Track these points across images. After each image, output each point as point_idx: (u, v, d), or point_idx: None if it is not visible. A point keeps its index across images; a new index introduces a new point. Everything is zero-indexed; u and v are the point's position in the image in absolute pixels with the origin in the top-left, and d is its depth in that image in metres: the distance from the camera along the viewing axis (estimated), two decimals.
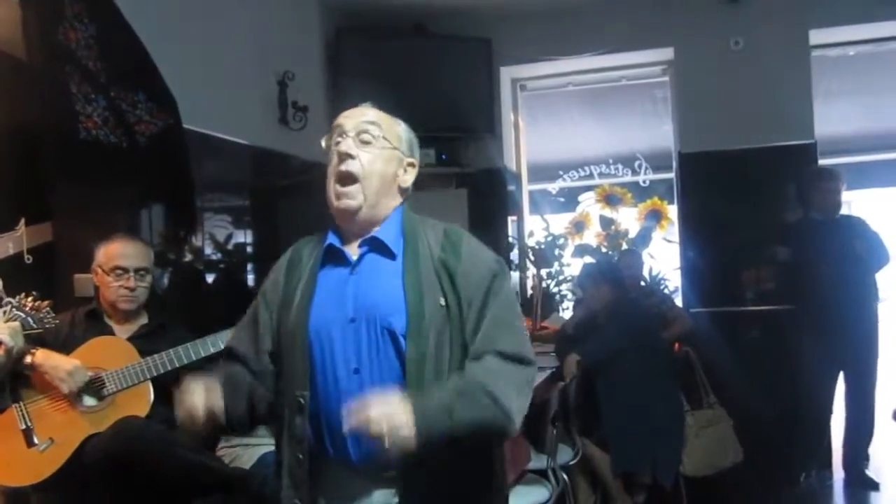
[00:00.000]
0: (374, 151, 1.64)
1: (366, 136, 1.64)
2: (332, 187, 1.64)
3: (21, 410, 2.40)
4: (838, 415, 4.51)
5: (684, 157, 4.93)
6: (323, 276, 1.66)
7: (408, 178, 1.72)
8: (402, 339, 1.55)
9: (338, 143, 1.65)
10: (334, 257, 1.67)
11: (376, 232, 1.66)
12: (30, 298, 2.27)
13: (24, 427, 2.38)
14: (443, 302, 1.57)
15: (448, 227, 1.71)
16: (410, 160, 1.72)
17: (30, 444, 2.38)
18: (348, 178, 1.62)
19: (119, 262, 2.63)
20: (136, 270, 2.65)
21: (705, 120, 4.83)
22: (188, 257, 3.53)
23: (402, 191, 1.71)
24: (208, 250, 3.67)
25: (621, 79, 5.47)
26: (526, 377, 1.61)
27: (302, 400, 1.58)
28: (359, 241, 1.66)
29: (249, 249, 4.02)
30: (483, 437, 1.56)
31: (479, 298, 1.60)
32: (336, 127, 1.67)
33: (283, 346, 1.65)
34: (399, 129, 1.71)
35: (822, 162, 4.84)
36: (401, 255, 1.64)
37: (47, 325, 2.30)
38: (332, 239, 1.68)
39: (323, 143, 1.70)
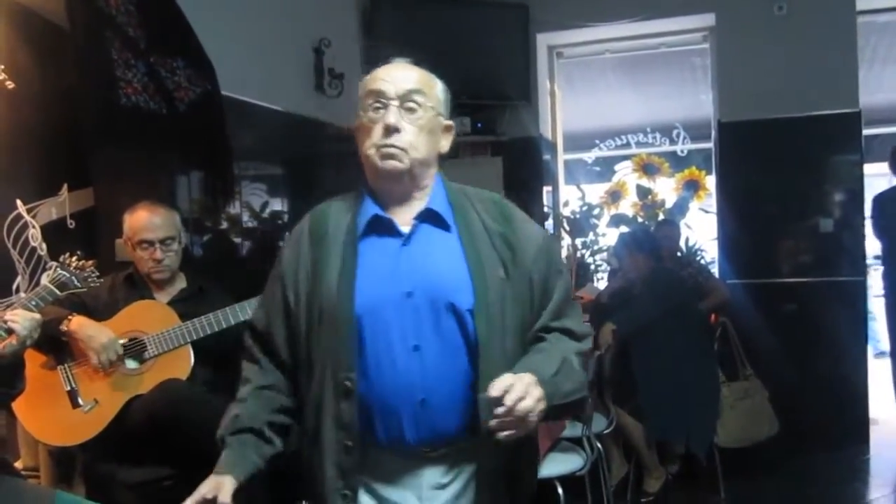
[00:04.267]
0: (420, 121, 1.51)
1: (411, 105, 1.50)
2: (375, 152, 1.50)
3: (66, 372, 2.45)
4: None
5: (724, 126, 4.84)
6: (365, 248, 1.53)
7: (446, 143, 1.61)
8: (466, 315, 1.47)
9: (377, 109, 1.50)
10: (379, 228, 1.54)
11: (430, 203, 1.55)
12: (74, 258, 2.30)
13: (69, 389, 2.44)
14: (503, 275, 1.51)
15: (494, 197, 1.63)
16: (448, 123, 1.61)
17: (75, 405, 2.43)
18: (393, 149, 1.50)
19: (143, 236, 2.62)
20: (162, 241, 2.63)
21: (746, 88, 4.72)
22: (225, 225, 3.56)
23: (440, 156, 1.61)
24: (245, 218, 3.70)
25: (660, 46, 5.37)
26: (585, 352, 1.61)
27: (349, 383, 1.46)
28: (405, 208, 1.55)
29: (285, 217, 4.04)
30: (568, 410, 1.53)
31: (542, 273, 1.56)
32: (374, 92, 1.51)
33: (319, 327, 1.50)
34: (438, 91, 1.57)
35: (867, 132, 4.72)
36: (454, 227, 1.55)
37: (92, 285, 2.33)
38: (374, 209, 1.55)
39: (362, 113, 1.54)
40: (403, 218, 1.55)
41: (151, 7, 2.89)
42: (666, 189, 5.20)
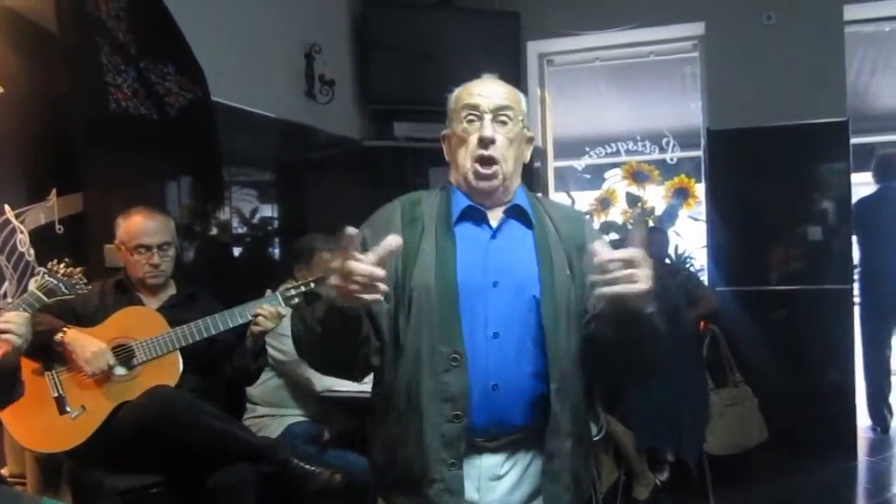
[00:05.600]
0: (510, 134, 1.64)
1: (502, 118, 1.64)
2: (471, 166, 1.63)
3: (54, 379, 2.44)
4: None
5: (713, 134, 4.86)
6: (458, 235, 1.63)
7: (528, 153, 1.74)
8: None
9: (472, 121, 1.63)
10: (471, 219, 1.66)
11: (516, 200, 1.68)
12: (62, 265, 2.28)
13: (56, 395, 2.42)
14: (568, 272, 1.62)
15: (567, 208, 1.82)
16: (530, 135, 1.74)
17: (62, 411, 2.42)
18: (488, 162, 1.62)
19: (141, 241, 2.63)
20: (160, 246, 2.65)
21: (735, 96, 4.75)
22: (215, 231, 3.55)
23: (524, 166, 1.74)
24: (234, 223, 3.69)
25: (650, 54, 5.38)
26: None
27: (458, 356, 1.53)
28: (493, 205, 1.67)
29: (275, 224, 4.03)
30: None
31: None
32: (469, 106, 1.64)
33: (415, 305, 1.57)
34: (524, 105, 1.70)
35: (854, 140, 4.75)
36: (534, 226, 1.67)
37: (80, 292, 2.31)
38: (467, 200, 1.66)
39: (454, 125, 1.66)
40: (492, 215, 1.67)
41: (141, 12, 2.88)
42: (655, 197, 5.20)
